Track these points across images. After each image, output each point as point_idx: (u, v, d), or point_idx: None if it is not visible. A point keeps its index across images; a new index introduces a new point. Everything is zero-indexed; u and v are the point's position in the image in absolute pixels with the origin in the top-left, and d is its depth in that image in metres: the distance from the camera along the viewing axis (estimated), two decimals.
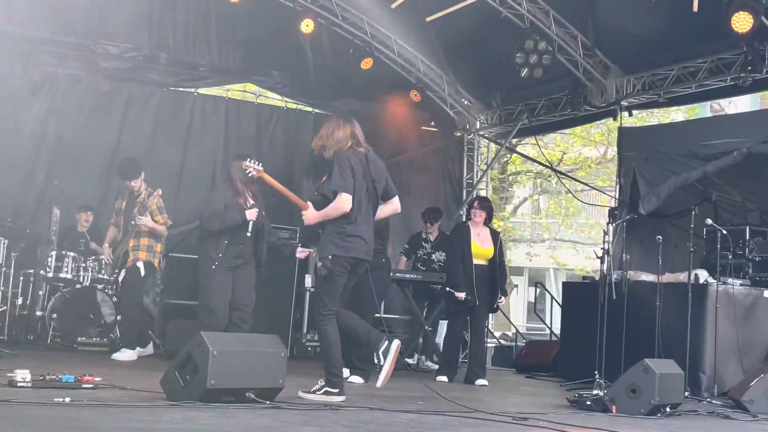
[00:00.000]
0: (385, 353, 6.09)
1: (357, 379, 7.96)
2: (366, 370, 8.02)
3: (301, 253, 8.57)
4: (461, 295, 8.79)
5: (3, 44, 10.37)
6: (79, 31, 10.79)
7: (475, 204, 9.31)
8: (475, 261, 8.92)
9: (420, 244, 11.03)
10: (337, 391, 6.11)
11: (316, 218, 6.27)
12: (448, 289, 8.99)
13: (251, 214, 7.97)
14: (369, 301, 7.90)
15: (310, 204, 6.37)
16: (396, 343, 6.15)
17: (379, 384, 6.14)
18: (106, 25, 10.91)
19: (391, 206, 6.63)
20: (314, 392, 6.07)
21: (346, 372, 7.71)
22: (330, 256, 6.13)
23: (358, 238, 6.19)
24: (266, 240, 8.24)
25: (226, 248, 7.90)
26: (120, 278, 9.12)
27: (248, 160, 7.25)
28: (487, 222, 9.21)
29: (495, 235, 9.21)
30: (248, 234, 8.02)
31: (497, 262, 9.02)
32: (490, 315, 11.20)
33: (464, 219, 11.93)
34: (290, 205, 12.26)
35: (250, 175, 7.24)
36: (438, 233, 11.05)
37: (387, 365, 6.08)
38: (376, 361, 6.18)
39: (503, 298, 9.09)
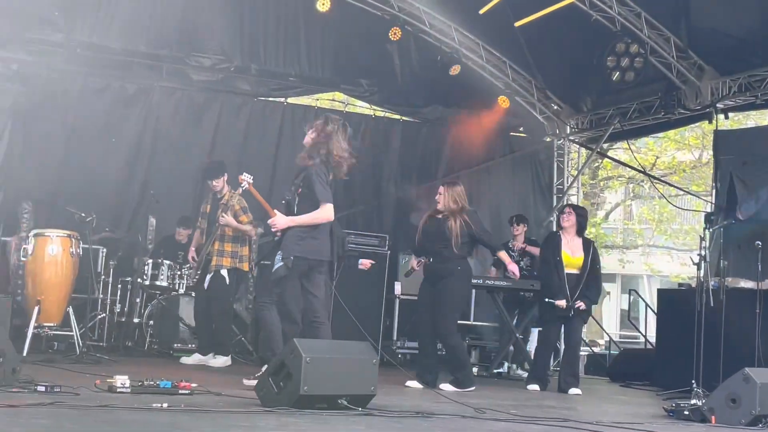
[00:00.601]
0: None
1: (448, 387, 7.94)
2: (458, 378, 7.99)
3: (362, 265, 8.52)
4: (562, 303, 8.68)
5: (100, 58, 10.69)
6: (173, 44, 11.05)
7: (566, 210, 9.22)
8: (567, 270, 8.81)
9: (508, 254, 10.93)
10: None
11: (288, 223, 6.63)
12: (546, 299, 8.87)
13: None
14: (443, 307, 8.06)
15: (277, 212, 6.75)
16: None
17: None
18: (199, 38, 11.16)
19: None
20: (256, 377, 6.36)
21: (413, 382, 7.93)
22: (292, 257, 6.52)
23: (318, 241, 6.60)
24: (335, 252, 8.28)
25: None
26: (205, 285, 9.13)
27: (244, 173, 7.53)
28: (580, 231, 9.05)
29: (587, 244, 9.02)
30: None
31: (587, 271, 8.88)
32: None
33: (555, 226, 11.85)
34: (380, 213, 12.50)
35: (244, 188, 7.55)
36: (524, 240, 10.95)
37: None
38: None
39: (581, 303, 8.86)
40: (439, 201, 8.27)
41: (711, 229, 9.10)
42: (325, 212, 6.56)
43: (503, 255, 8.32)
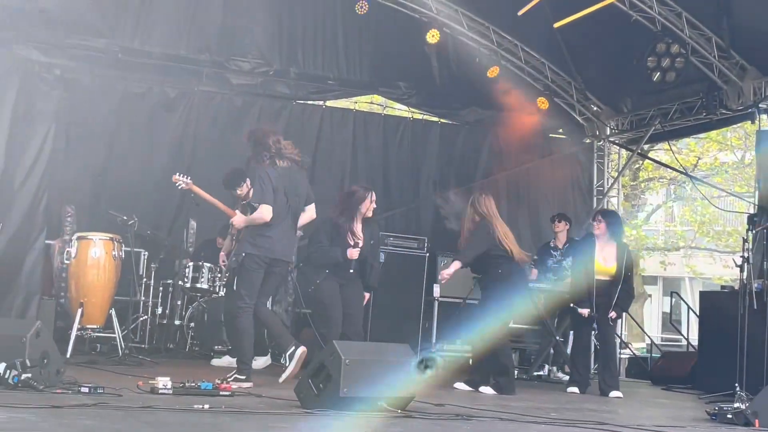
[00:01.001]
0: (291, 357, 7.00)
1: (488, 390, 7.94)
2: (499, 383, 7.98)
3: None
4: (584, 312, 8.68)
5: (141, 63, 10.79)
6: (212, 49, 11.13)
7: (597, 217, 9.16)
8: (598, 277, 8.77)
9: (549, 253, 10.89)
10: (244, 377, 6.86)
11: (244, 222, 7.19)
12: (572, 305, 8.89)
13: (352, 254, 7.99)
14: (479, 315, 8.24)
15: (237, 212, 7.43)
16: (301, 350, 7.05)
17: (281, 380, 6.98)
18: (238, 42, 11.23)
19: (308, 213, 7.53)
20: (225, 380, 6.52)
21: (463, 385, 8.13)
22: (243, 254, 6.99)
23: (269, 239, 7.01)
24: (371, 264, 8.28)
25: (327, 277, 8.01)
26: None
27: (177, 174, 7.91)
28: (614, 236, 8.97)
29: (622, 250, 8.93)
30: (351, 271, 8.08)
31: (621, 278, 8.82)
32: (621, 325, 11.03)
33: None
34: (418, 215, 12.48)
35: (180, 187, 7.99)
36: (567, 239, 10.89)
37: (291, 367, 6.97)
38: (282, 361, 7.19)
39: (614, 313, 8.82)
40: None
41: (754, 231, 8.98)
42: (260, 213, 6.93)
43: (455, 264, 8.26)
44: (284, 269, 7.28)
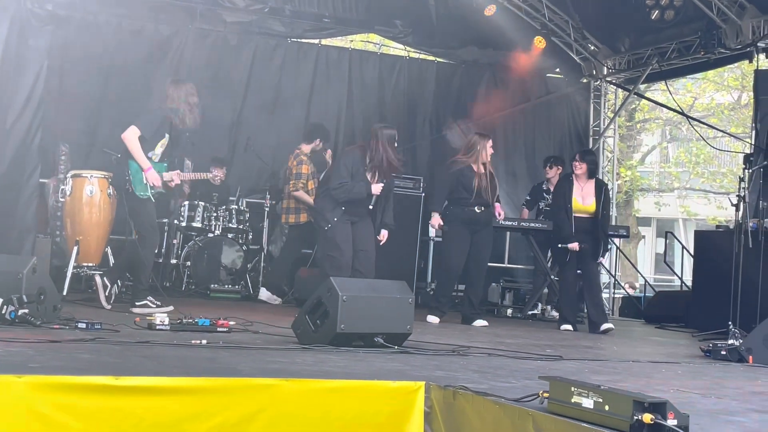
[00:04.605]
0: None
1: (434, 319, 8.48)
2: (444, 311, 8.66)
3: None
4: (574, 246, 8.72)
5: (135, 1, 10.65)
6: None
7: (576, 156, 9.19)
8: (576, 215, 8.88)
9: (541, 196, 10.89)
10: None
11: None
12: (559, 245, 8.93)
13: (376, 189, 7.94)
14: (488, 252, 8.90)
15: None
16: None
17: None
18: None
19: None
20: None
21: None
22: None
23: None
24: (390, 208, 8.25)
25: (343, 213, 7.92)
26: None
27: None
28: (592, 174, 9.04)
29: (600, 188, 9.01)
30: (370, 207, 8.02)
31: (599, 216, 8.92)
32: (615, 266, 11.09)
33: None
34: (414, 155, 12.41)
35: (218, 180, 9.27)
36: None
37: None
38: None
39: (603, 258, 9.00)
40: (488, 154, 8.69)
41: (750, 170, 8.98)
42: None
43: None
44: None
